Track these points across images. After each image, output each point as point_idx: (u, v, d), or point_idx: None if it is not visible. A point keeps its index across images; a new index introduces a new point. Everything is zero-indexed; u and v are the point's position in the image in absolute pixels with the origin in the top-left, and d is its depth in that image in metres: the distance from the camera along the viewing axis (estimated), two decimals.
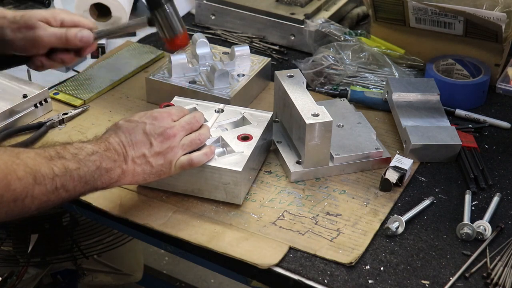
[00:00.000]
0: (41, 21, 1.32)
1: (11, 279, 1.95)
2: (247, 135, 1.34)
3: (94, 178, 1.13)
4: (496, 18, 1.54)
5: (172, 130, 1.22)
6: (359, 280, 1.15)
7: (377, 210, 1.28)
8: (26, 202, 1.04)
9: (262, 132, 1.35)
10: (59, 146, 1.12)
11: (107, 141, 1.18)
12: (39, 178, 1.05)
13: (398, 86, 1.52)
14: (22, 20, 1.31)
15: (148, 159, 1.19)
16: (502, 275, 1.15)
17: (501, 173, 1.39)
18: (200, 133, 1.26)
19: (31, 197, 1.05)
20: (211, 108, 1.41)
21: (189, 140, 1.24)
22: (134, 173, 1.19)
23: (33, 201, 1.05)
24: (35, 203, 1.06)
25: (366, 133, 1.42)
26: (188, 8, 1.96)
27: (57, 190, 1.08)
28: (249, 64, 1.59)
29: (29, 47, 1.32)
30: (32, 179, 1.04)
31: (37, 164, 1.06)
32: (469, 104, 1.57)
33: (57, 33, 1.33)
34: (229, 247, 1.20)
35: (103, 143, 1.17)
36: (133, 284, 2.28)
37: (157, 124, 1.22)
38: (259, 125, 1.37)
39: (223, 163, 1.26)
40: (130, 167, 1.18)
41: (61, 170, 1.08)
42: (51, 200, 1.08)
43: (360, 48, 1.65)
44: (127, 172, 1.18)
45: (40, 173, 1.06)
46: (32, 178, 1.05)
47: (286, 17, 1.77)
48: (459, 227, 1.23)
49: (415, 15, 1.63)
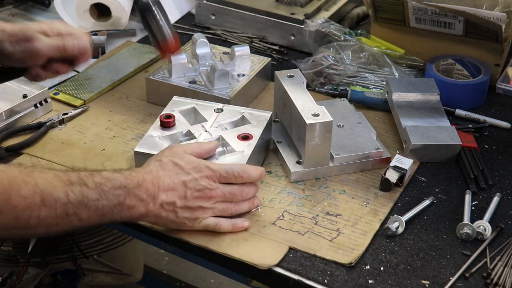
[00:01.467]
0: (38, 33, 1.32)
1: (11, 279, 1.95)
2: (247, 135, 1.34)
3: (113, 212, 1.11)
4: (496, 18, 1.54)
5: (211, 192, 1.19)
6: (359, 280, 1.15)
7: (377, 210, 1.28)
8: (31, 222, 1.02)
9: (262, 131, 1.35)
10: (86, 172, 1.10)
11: (142, 177, 1.15)
12: (48, 200, 1.03)
13: (398, 86, 1.52)
14: (21, 33, 1.30)
15: (176, 208, 1.17)
16: (502, 275, 1.15)
17: (501, 173, 1.39)
18: (237, 207, 1.23)
19: (37, 218, 1.02)
20: (210, 108, 1.41)
21: (222, 207, 1.21)
22: (157, 216, 1.17)
23: (39, 223, 1.03)
24: (41, 225, 1.04)
25: (366, 133, 1.42)
26: (188, 8, 1.96)
27: (67, 216, 1.05)
28: (249, 64, 1.59)
29: (28, 58, 1.32)
30: (40, 200, 1.02)
31: (50, 186, 1.04)
32: (469, 104, 1.57)
33: (55, 44, 1.33)
34: (229, 247, 1.20)
35: (136, 178, 1.14)
36: (133, 284, 2.28)
37: (200, 180, 1.19)
38: (259, 124, 1.37)
39: (223, 162, 1.26)
40: (156, 210, 1.16)
41: (77, 197, 1.06)
42: (60, 225, 1.06)
43: (360, 48, 1.65)
44: (151, 213, 1.16)
45: (52, 196, 1.03)
46: (39, 199, 1.02)
47: (286, 17, 1.77)
48: (459, 227, 1.23)
49: (415, 15, 1.63)
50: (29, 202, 1.01)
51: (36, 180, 1.03)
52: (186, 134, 1.36)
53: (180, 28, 1.86)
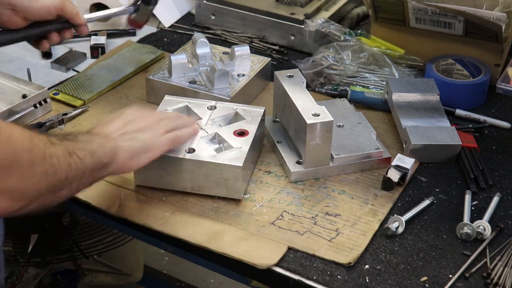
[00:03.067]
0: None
1: (11, 279, 1.95)
2: (243, 131, 1.34)
3: (94, 150, 1.10)
4: (496, 18, 1.54)
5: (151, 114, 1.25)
6: (359, 280, 1.15)
7: (376, 210, 1.28)
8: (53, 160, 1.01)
9: (257, 127, 1.35)
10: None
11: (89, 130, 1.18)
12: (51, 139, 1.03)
13: (398, 86, 1.52)
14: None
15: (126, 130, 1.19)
16: (502, 275, 1.15)
17: (501, 173, 1.39)
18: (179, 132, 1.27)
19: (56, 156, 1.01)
20: (204, 106, 1.41)
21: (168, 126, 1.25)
22: (123, 150, 1.16)
23: (59, 160, 1.02)
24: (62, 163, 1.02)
25: (366, 133, 1.42)
26: (188, 8, 1.96)
27: (70, 154, 1.04)
28: (249, 64, 1.59)
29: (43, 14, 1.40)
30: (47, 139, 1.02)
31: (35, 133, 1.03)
32: (469, 104, 1.57)
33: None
34: (228, 247, 1.20)
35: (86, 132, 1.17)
36: (133, 284, 2.28)
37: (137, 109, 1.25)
38: (253, 120, 1.37)
39: (223, 159, 1.26)
40: (116, 143, 1.16)
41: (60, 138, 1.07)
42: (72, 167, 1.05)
43: (360, 48, 1.65)
44: (117, 148, 1.15)
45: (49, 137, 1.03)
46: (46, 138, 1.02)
47: (286, 17, 1.77)
48: (459, 227, 1.23)
49: (415, 15, 1.63)
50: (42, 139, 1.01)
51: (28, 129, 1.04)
52: None
53: (180, 28, 1.86)
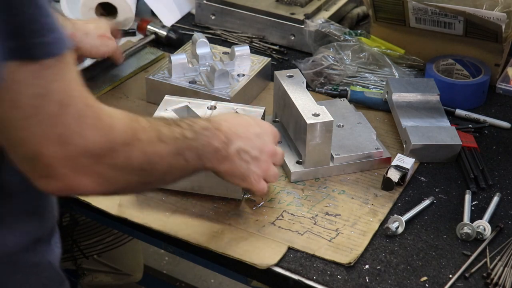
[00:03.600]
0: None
1: None
2: None
3: (205, 153, 1.07)
4: (496, 18, 1.54)
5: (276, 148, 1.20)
6: (359, 280, 1.15)
7: (376, 210, 1.28)
8: (155, 159, 0.98)
9: None
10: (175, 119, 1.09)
11: (218, 122, 1.12)
12: (162, 135, 0.99)
13: (398, 86, 1.52)
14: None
15: (249, 159, 1.14)
16: (502, 275, 1.15)
17: (501, 173, 1.39)
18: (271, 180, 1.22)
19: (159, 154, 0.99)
20: (204, 106, 1.41)
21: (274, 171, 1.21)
22: (233, 164, 1.12)
23: (161, 161, 0.99)
24: (162, 164, 1.00)
25: (366, 133, 1.42)
26: (188, 8, 1.96)
27: (179, 155, 1.02)
28: (249, 64, 1.59)
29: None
30: (156, 135, 0.99)
31: (157, 123, 1.01)
32: (469, 104, 1.57)
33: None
34: (228, 247, 1.20)
35: (215, 123, 1.11)
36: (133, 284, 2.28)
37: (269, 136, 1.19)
38: None
39: None
40: (232, 156, 1.12)
41: (179, 135, 1.02)
42: (174, 166, 1.02)
43: (360, 48, 1.65)
44: (229, 158, 1.12)
45: (162, 132, 1.00)
46: (155, 133, 0.99)
47: (286, 17, 1.77)
48: (459, 227, 1.23)
49: (415, 15, 1.63)
50: (150, 135, 0.98)
51: (146, 117, 1.01)
52: None
53: (180, 28, 1.86)
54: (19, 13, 0.84)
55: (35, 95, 0.86)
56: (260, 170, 1.16)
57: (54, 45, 0.87)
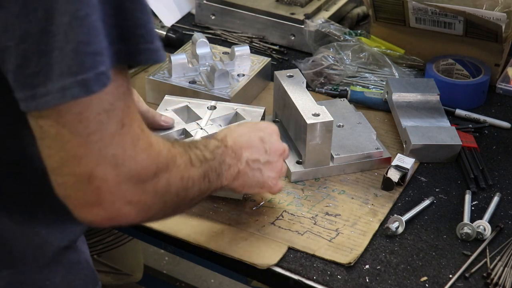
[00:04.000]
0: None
1: None
2: None
3: (222, 172, 1.07)
4: (496, 18, 1.54)
5: (284, 147, 1.20)
6: (359, 280, 1.15)
7: (376, 210, 1.28)
8: (189, 184, 0.97)
9: None
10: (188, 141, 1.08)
11: (223, 139, 1.11)
12: (193, 160, 0.98)
13: (398, 86, 1.52)
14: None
15: (261, 166, 1.15)
16: (502, 275, 1.15)
17: (501, 173, 1.39)
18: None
19: (192, 179, 0.97)
20: (204, 106, 1.41)
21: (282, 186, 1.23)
22: (245, 177, 1.13)
23: (193, 185, 0.98)
24: (194, 188, 0.98)
25: (366, 133, 1.42)
26: (188, 8, 1.96)
27: (205, 178, 1.01)
28: (249, 64, 1.59)
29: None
30: (188, 159, 0.97)
31: (184, 147, 0.99)
32: (469, 104, 1.57)
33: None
34: (228, 247, 1.20)
35: (221, 139, 1.10)
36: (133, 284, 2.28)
37: (272, 136, 1.19)
38: (253, 120, 1.37)
39: None
40: (243, 168, 1.12)
41: (203, 157, 1.02)
42: (201, 189, 1.01)
43: (360, 48, 1.65)
44: (241, 172, 1.12)
45: (191, 156, 0.99)
46: (187, 158, 0.97)
47: (286, 17, 1.77)
48: (459, 227, 1.23)
49: (415, 15, 1.63)
50: (185, 160, 0.96)
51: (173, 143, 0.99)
52: (181, 133, 1.36)
53: (180, 28, 1.86)
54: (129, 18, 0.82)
55: (102, 110, 0.82)
56: (275, 172, 1.17)
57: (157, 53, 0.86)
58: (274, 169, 1.17)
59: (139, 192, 0.88)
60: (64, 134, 0.82)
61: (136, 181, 0.87)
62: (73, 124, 0.82)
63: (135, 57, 0.85)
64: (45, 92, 0.80)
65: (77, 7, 0.79)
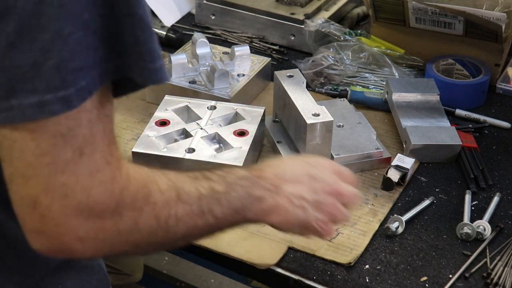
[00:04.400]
0: None
1: None
2: (243, 131, 1.34)
3: (244, 206, 0.96)
4: (496, 18, 1.54)
5: (341, 187, 1.04)
6: (359, 280, 1.15)
7: (376, 210, 1.28)
8: (170, 222, 0.88)
9: (257, 127, 1.35)
10: (205, 170, 0.97)
11: (261, 170, 1.01)
12: (183, 195, 0.90)
13: (398, 86, 1.52)
14: None
15: (306, 204, 1.00)
16: (502, 275, 1.15)
17: (501, 173, 1.39)
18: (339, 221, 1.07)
19: (175, 217, 0.88)
20: (203, 106, 1.41)
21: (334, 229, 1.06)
22: (286, 213, 0.99)
23: (178, 223, 0.89)
24: (180, 226, 0.89)
25: (366, 133, 1.42)
26: (188, 8, 1.96)
27: (203, 214, 0.91)
28: (249, 64, 1.59)
29: None
30: (176, 195, 0.89)
31: (180, 180, 0.91)
32: (469, 104, 1.57)
33: None
34: (228, 247, 1.20)
35: (255, 171, 1.00)
36: (133, 284, 2.28)
37: (326, 174, 1.04)
38: (253, 120, 1.37)
39: (223, 159, 1.27)
40: (284, 203, 0.99)
41: (207, 191, 0.92)
42: (198, 226, 0.92)
43: (360, 48, 1.65)
44: (280, 207, 0.99)
45: (184, 190, 0.90)
46: (175, 193, 0.89)
47: (286, 17, 1.77)
48: (459, 227, 1.23)
49: (415, 15, 1.63)
50: (167, 197, 0.88)
51: (168, 175, 0.91)
52: (181, 133, 1.36)
53: (180, 28, 1.86)
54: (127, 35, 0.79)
55: (59, 133, 0.77)
56: (324, 214, 1.02)
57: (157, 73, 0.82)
58: (323, 210, 1.02)
59: (94, 229, 0.82)
60: (15, 147, 0.78)
61: (88, 216, 0.80)
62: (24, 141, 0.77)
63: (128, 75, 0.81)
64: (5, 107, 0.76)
65: (62, 24, 0.75)
